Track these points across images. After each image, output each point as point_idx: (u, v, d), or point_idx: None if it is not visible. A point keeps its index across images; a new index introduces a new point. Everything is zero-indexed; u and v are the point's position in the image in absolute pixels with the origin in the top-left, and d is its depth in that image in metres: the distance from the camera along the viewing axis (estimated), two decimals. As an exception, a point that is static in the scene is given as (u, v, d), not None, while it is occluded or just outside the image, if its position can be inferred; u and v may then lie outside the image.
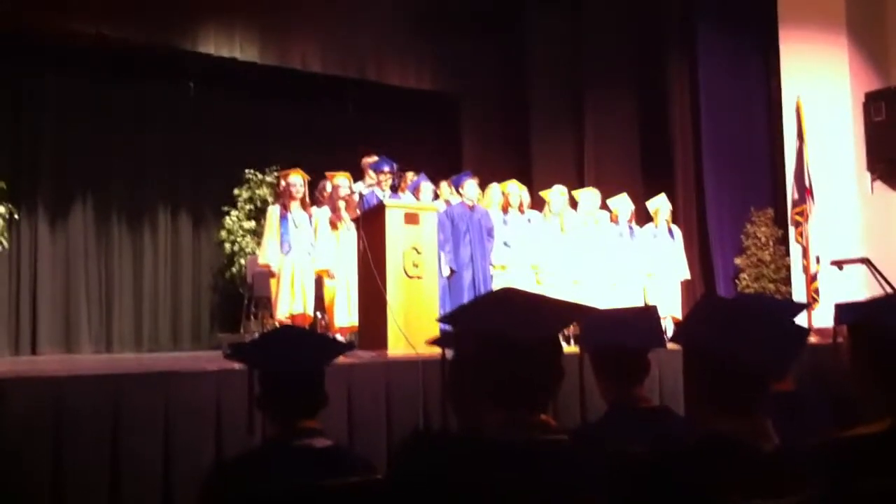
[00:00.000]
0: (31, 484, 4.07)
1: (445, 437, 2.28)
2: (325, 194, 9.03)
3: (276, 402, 2.62)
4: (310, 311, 8.40)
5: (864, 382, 2.35)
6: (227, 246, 11.38)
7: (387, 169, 8.80)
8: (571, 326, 7.68)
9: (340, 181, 8.76)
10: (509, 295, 2.32)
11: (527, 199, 9.95)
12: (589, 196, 10.05)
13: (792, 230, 10.57)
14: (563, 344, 2.58)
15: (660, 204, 10.40)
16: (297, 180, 8.55)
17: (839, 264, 9.14)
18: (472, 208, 9.28)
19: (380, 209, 7.33)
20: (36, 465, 4.09)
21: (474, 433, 2.22)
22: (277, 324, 8.13)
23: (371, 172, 8.98)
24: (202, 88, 11.46)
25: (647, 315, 3.08)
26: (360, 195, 8.56)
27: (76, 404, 4.26)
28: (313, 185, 8.97)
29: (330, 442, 2.58)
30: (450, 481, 2.04)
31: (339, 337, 7.93)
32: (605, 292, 9.44)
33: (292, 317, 8.15)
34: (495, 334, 2.21)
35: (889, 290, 7.47)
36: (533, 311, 2.26)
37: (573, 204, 10.08)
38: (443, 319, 2.53)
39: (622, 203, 10.15)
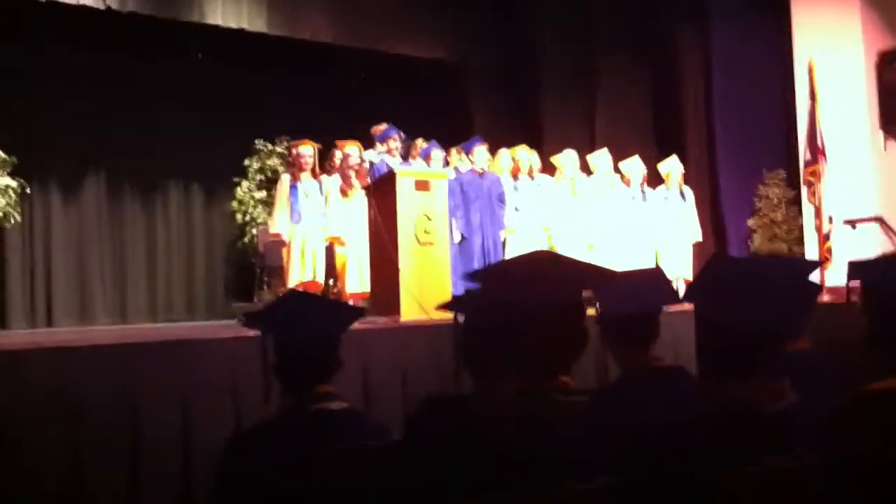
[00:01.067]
0: (50, 454, 4.10)
1: (460, 401, 2.30)
2: (336, 163, 9.02)
3: (292, 368, 2.64)
4: (320, 279, 8.43)
5: (877, 339, 2.35)
6: (239, 216, 11.40)
7: (395, 136, 8.79)
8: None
9: (351, 150, 8.74)
10: (538, 258, 2.32)
11: (537, 164, 9.91)
12: (602, 159, 10.01)
13: (804, 190, 10.52)
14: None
15: (671, 166, 10.35)
16: (307, 150, 8.55)
17: (852, 223, 9.13)
18: (482, 175, 9.26)
19: (390, 177, 7.33)
20: (55, 436, 4.13)
21: (490, 397, 2.23)
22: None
23: (380, 141, 8.97)
24: (211, 60, 11.41)
25: (655, 276, 3.05)
26: (371, 163, 8.55)
27: (94, 374, 4.29)
28: (323, 155, 8.97)
29: (346, 404, 2.60)
30: (465, 446, 2.05)
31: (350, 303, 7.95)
32: (618, 255, 9.42)
33: (303, 284, 8.17)
34: (521, 299, 2.22)
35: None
36: (560, 275, 2.26)
37: (584, 168, 10.04)
38: (472, 277, 2.53)
39: (634, 166, 10.10)
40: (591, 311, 2.66)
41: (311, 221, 8.38)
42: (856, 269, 2.50)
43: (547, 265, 2.35)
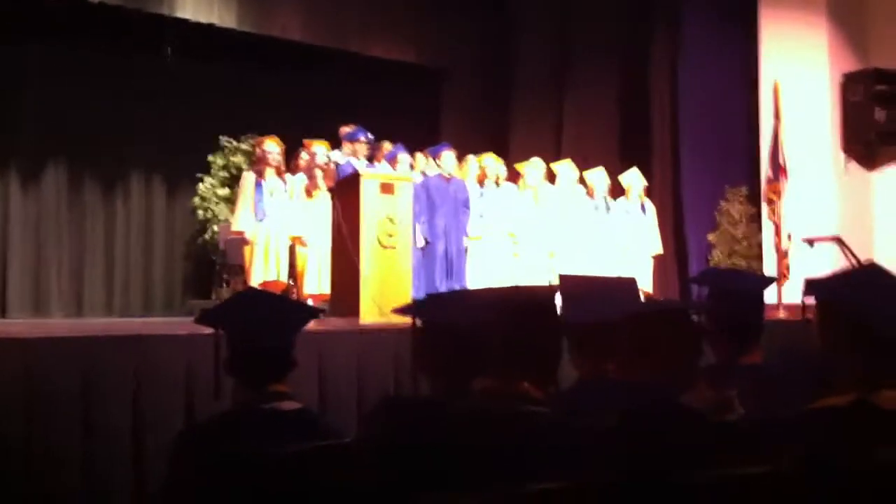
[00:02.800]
0: (2, 446, 4.04)
1: (416, 404, 2.29)
2: (301, 163, 8.98)
3: (244, 366, 2.61)
4: (283, 279, 8.38)
5: (832, 355, 2.37)
6: (200, 213, 11.31)
7: (362, 138, 8.77)
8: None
9: (317, 149, 8.71)
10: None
11: (504, 172, 9.95)
12: (566, 169, 10.06)
13: (765, 208, 10.62)
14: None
15: (632, 179, 10.42)
16: (272, 147, 8.51)
17: (811, 241, 9.22)
18: (448, 180, 9.27)
19: (355, 179, 7.31)
20: (6, 428, 4.06)
21: (447, 400, 2.22)
22: (249, 290, 8.08)
23: (347, 142, 8.94)
24: (179, 54, 11.32)
25: (626, 286, 3.06)
26: (336, 164, 8.52)
27: (46, 367, 4.23)
28: (289, 154, 8.92)
29: (298, 405, 2.58)
30: (419, 446, 2.04)
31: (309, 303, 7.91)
32: (580, 264, 9.46)
33: (266, 284, 8.12)
34: (497, 306, 2.22)
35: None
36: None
37: (550, 178, 10.09)
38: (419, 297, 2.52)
39: (598, 177, 10.16)
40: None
41: (276, 220, 8.33)
42: (811, 286, 2.52)
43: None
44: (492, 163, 9.77)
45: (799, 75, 10.54)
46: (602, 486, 2.12)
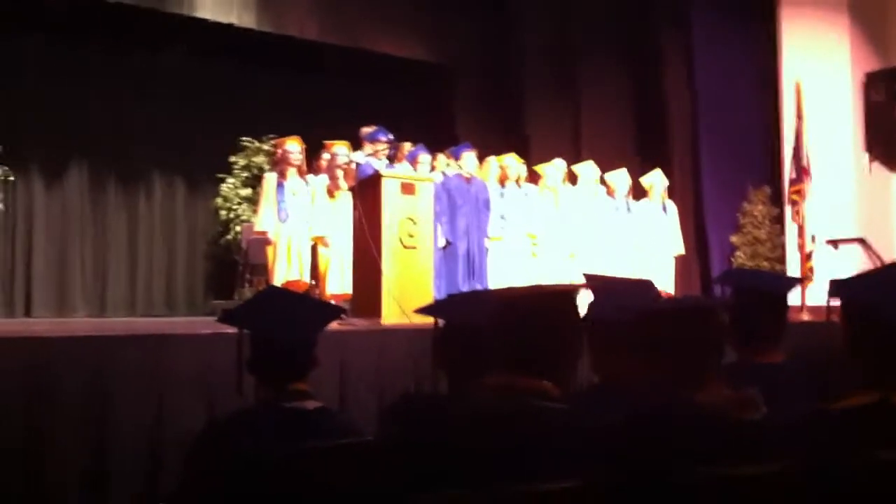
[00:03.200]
0: (19, 443, 4.07)
1: (435, 401, 2.29)
2: (322, 163, 9.00)
3: (266, 364, 2.62)
4: (306, 279, 8.41)
5: (855, 355, 2.36)
6: (223, 213, 11.36)
7: (383, 139, 8.76)
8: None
9: (339, 150, 8.73)
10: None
11: (524, 172, 9.94)
12: (588, 170, 10.04)
13: (788, 209, 10.57)
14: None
15: (654, 179, 10.39)
16: (294, 147, 8.54)
17: (834, 243, 9.18)
18: (469, 180, 9.26)
19: (376, 179, 7.31)
20: (25, 426, 4.09)
21: (467, 397, 2.23)
22: (272, 290, 8.10)
23: (368, 142, 8.95)
24: (200, 54, 11.39)
25: (646, 287, 3.06)
26: (357, 164, 8.53)
27: (66, 365, 4.26)
28: (310, 154, 8.94)
29: (319, 404, 2.59)
30: (439, 444, 2.04)
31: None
32: (600, 266, 9.44)
33: (289, 283, 8.15)
34: (517, 304, 2.22)
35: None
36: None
37: (571, 178, 10.07)
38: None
39: (620, 178, 10.14)
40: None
41: (298, 220, 8.36)
42: (836, 286, 2.50)
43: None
44: (512, 163, 9.76)
45: (821, 75, 10.49)
46: (619, 484, 2.13)
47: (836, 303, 2.50)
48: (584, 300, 2.93)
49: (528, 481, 1.98)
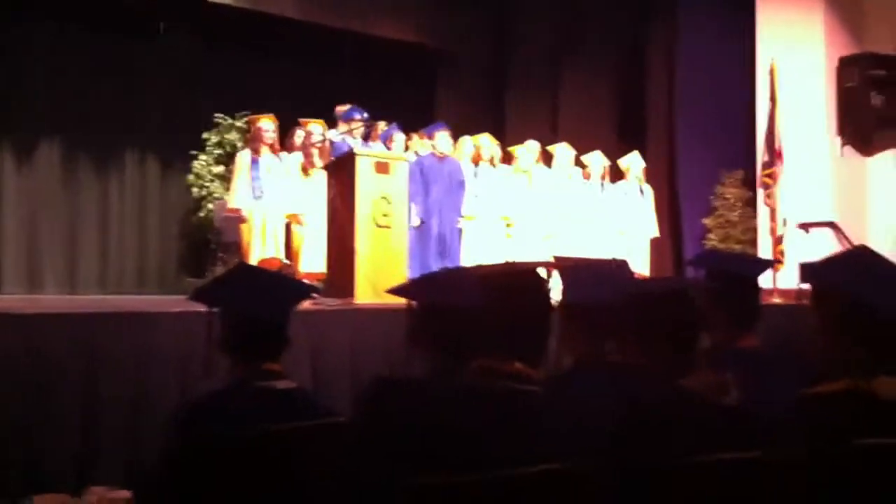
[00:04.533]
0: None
1: (409, 383, 2.28)
2: (295, 141, 8.94)
3: (238, 344, 2.60)
4: (281, 257, 8.38)
5: (827, 340, 2.37)
6: (196, 190, 11.25)
7: (357, 117, 8.72)
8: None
9: (314, 128, 8.69)
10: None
11: (498, 153, 9.93)
12: (563, 151, 10.06)
13: (761, 192, 10.62)
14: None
15: (631, 161, 10.43)
16: (268, 125, 8.48)
17: (806, 227, 9.23)
18: (442, 159, 9.23)
19: (350, 158, 7.26)
20: (4, 402, 4.07)
21: (442, 379, 2.22)
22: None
23: (343, 121, 8.90)
24: (173, 30, 11.26)
25: (620, 268, 3.06)
26: (332, 143, 8.49)
27: (42, 343, 4.23)
28: (283, 131, 8.88)
29: (292, 384, 2.57)
30: (413, 425, 2.03)
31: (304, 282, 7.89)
32: (575, 247, 9.47)
33: (264, 261, 8.11)
34: (489, 282, 2.21)
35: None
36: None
37: (546, 159, 10.07)
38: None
39: (595, 159, 10.16)
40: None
41: (272, 198, 8.31)
42: (807, 271, 2.51)
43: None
44: (487, 143, 9.75)
45: (795, 59, 10.52)
46: (596, 467, 2.13)
47: (807, 286, 2.51)
48: (558, 282, 2.93)
49: (505, 465, 1.97)
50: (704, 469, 2.05)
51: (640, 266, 9.91)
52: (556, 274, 2.86)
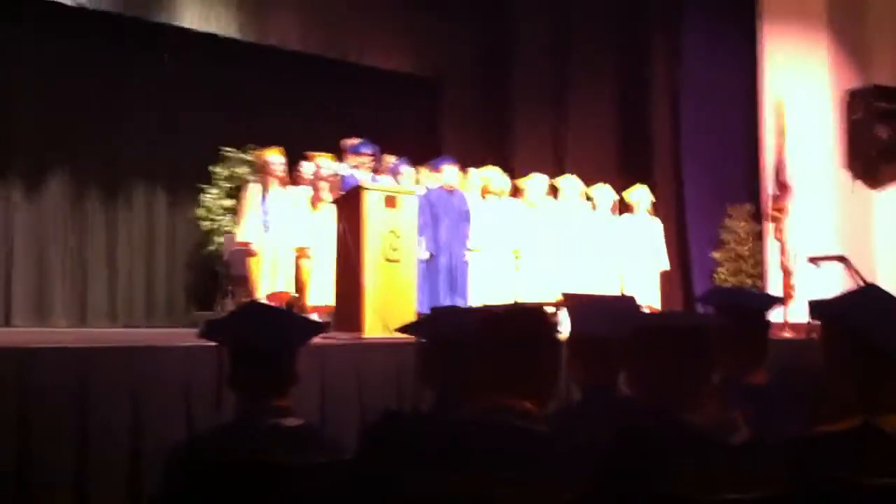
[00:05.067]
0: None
1: (417, 418, 2.28)
2: (303, 174, 8.98)
3: (246, 379, 2.60)
4: (290, 290, 8.39)
5: (836, 378, 2.36)
6: (205, 223, 11.29)
7: (367, 151, 8.76)
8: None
9: (323, 161, 8.73)
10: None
11: (506, 185, 9.94)
12: (570, 183, 10.06)
13: (770, 226, 10.62)
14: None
15: (640, 195, 10.42)
16: (276, 158, 8.51)
17: (815, 261, 9.21)
18: (450, 192, 9.26)
19: (359, 191, 7.29)
20: (5, 437, 4.06)
21: (449, 416, 2.22)
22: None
23: (351, 154, 8.94)
24: (181, 62, 11.34)
25: (627, 304, 3.06)
26: (341, 177, 8.53)
27: (43, 376, 4.23)
28: (291, 164, 8.92)
29: (300, 421, 2.57)
30: (420, 464, 2.03)
31: (314, 316, 7.89)
32: (583, 280, 9.46)
33: (272, 295, 8.12)
34: (497, 322, 2.22)
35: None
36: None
37: (553, 192, 10.09)
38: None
39: (603, 192, 10.16)
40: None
41: (281, 231, 8.34)
42: (816, 308, 2.51)
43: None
44: (494, 176, 9.77)
45: (801, 92, 10.58)
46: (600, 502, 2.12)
47: (817, 323, 2.51)
48: (566, 318, 2.94)
49: (513, 501, 1.97)
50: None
51: (651, 299, 9.88)
52: (564, 310, 2.86)
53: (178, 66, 11.20)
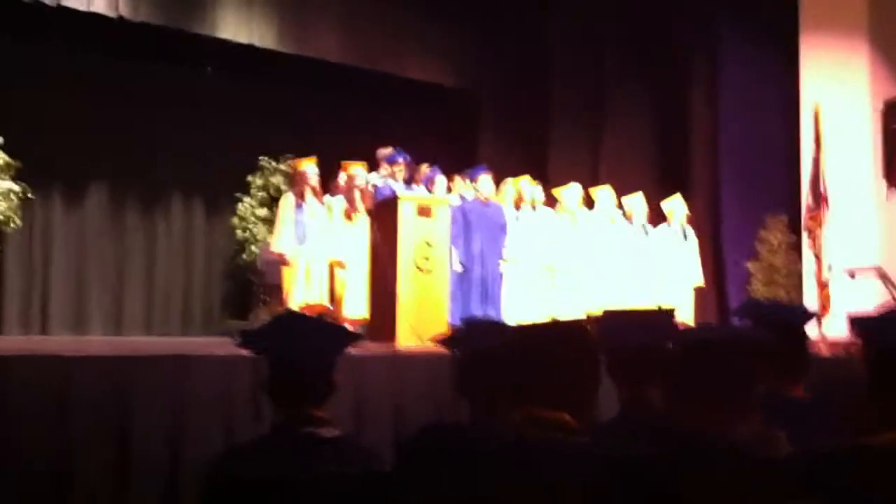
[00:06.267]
0: (37, 463, 4.08)
1: (455, 431, 2.28)
2: (339, 184, 9.02)
3: (284, 389, 2.61)
4: (324, 301, 8.41)
5: (878, 395, 2.34)
6: (239, 233, 11.38)
7: (401, 161, 8.79)
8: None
9: (356, 171, 8.76)
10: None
11: (540, 196, 9.91)
12: (605, 194, 10.02)
13: (805, 236, 10.51)
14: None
15: (675, 205, 10.35)
16: (311, 169, 8.56)
17: (852, 273, 9.10)
18: (485, 203, 9.25)
19: (393, 201, 7.32)
20: (42, 445, 4.10)
21: (489, 430, 2.22)
22: (289, 312, 8.10)
23: (385, 164, 8.97)
24: (219, 73, 11.46)
25: (666, 317, 3.04)
26: (375, 186, 8.55)
27: (83, 385, 4.28)
28: (326, 175, 8.96)
29: (337, 432, 2.58)
30: (459, 477, 2.03)
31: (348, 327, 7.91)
32: (617, 291, 9.41)
33: (308, 306, 8.16)
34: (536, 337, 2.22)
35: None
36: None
37: (588, 203, 10.05)
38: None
39: (637, 202, 10.11)
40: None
41: (315, 242, 8.37)
42: (857, 325, 2.48)
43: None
44: (528, 186, 9.74)
45: (840, 102, 10.46)
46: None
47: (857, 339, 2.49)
48: (606, 330, 2.92)
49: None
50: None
51: (685, 313, 9.80)
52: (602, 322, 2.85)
53: (217, 77, 11.30)
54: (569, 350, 2.27)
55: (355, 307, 8.37)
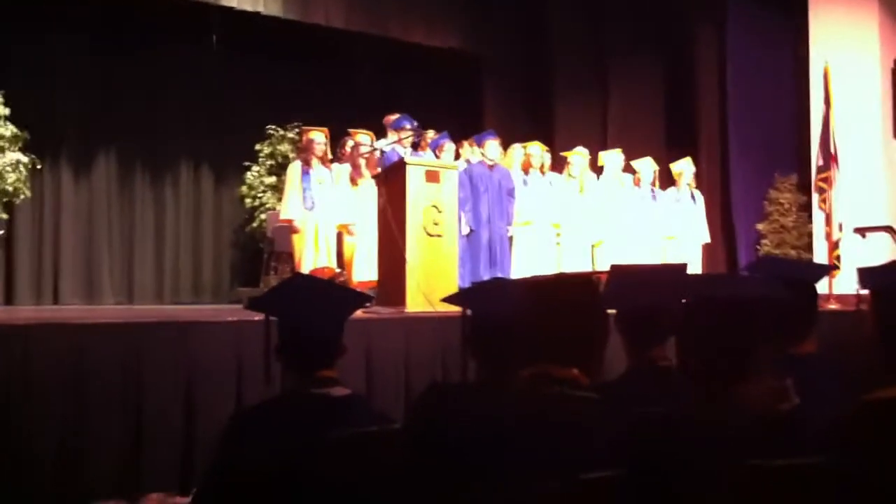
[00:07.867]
0: (52, 431, 4.12)
1: (464, 389, 2.29)
2: (346, 151, 9.02)
3: (294, 351, 2.62)
4: (333, 266, 8.45)
5: (886, 347, 2.34)
6: (248, 201, 11.40)
7: (408, 126, 8.76)
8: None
9: (362, 138, 8.76)
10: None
11: (548, 160, 9.90)
12: (613, 157, 9.99)
13: (815, 197, 10.48)
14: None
15: (683, 167, 10.32)
16: (319, 137, 8.56)
17: (862, 232, 9.09)
18: (492, 168, 9.24)
19: (400, 166, 7.30)
20: (56, 411, 4.14)
21: (498, 386, 2.23)
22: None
23: (392, 130, 8.95)
24: (226, 43, 11.40)
25: (676, 272, 3.03)
26: (382, 152, 8.54)
27: (97, 352, 4.30)
28: (334, 142, 8.97)
29: (347, 391, 2.59)
30: (467, 431, 2.04)
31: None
32: (626, 253, 9.41)
33: (317, 270, 8.18)
34: (542, 292, 2.22)
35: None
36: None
37: (595, 166, 10.03)
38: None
39: (645, 165, 10.08)
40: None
41: (323, 208, 8.39)
42: (865, 276, 2.48)
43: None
44: (536, 150, 9.72)
45: (849, 61, 10.40)
46: (649, 474, 2.11)
47: (865, 292, 2.48)
48: (615, 286, 2.92)
49: (563, 473, 1.97)
50: (762, 477, 2.03)
51: (694, 272, 9.80)
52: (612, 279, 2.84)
53: (223, 46, 11.26)
54: (576, 303, 2.26)
55: (365, 271, 8.39)
